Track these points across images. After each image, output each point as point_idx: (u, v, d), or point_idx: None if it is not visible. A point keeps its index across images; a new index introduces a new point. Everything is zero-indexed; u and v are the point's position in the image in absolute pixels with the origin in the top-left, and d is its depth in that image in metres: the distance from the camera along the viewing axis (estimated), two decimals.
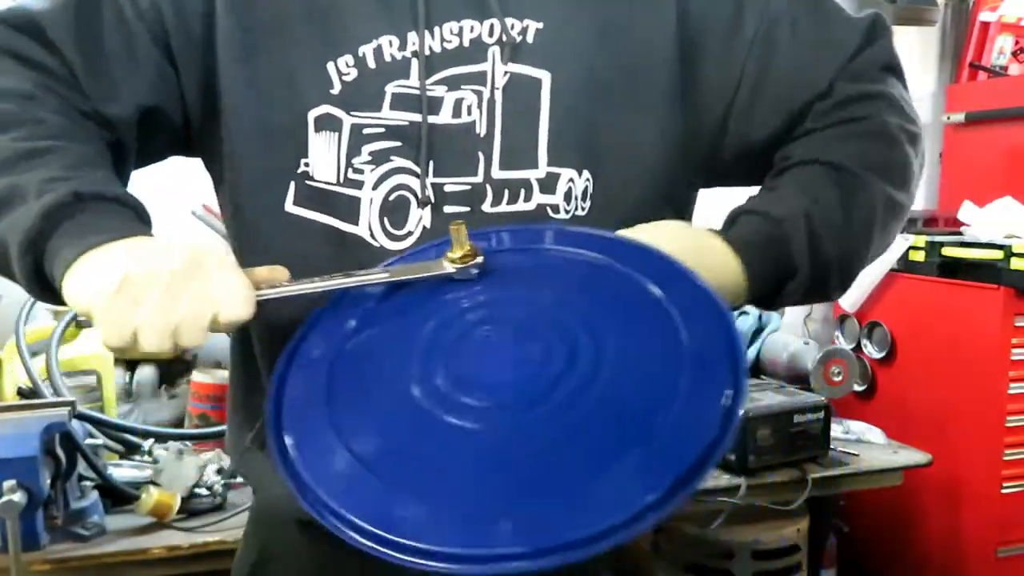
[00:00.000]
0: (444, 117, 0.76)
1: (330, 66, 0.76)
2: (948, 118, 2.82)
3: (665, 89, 0.80)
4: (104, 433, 1.54)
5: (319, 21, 0.77)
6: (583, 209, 0.79)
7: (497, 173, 0.76)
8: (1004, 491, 2.26)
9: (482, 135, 0.76)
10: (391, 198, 0.76)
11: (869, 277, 2.55)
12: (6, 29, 0.74)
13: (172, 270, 0.61)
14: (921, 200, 2.98)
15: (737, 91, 0.81)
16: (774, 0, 0.82)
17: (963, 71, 2.87)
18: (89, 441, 1.43)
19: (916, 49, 2.92)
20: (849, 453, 1.91)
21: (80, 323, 1.74)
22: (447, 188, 0.76)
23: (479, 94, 0.76)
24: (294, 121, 0.77)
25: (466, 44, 0.77)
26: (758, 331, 2.41)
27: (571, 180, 0.78)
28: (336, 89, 0.76)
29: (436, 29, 0.76)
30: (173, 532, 1.41)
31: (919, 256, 2.46)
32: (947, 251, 2.39)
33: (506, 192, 0.77)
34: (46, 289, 0.67)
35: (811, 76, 0.81)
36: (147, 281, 0.60)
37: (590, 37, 0.78)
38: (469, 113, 0.76)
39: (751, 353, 2.39)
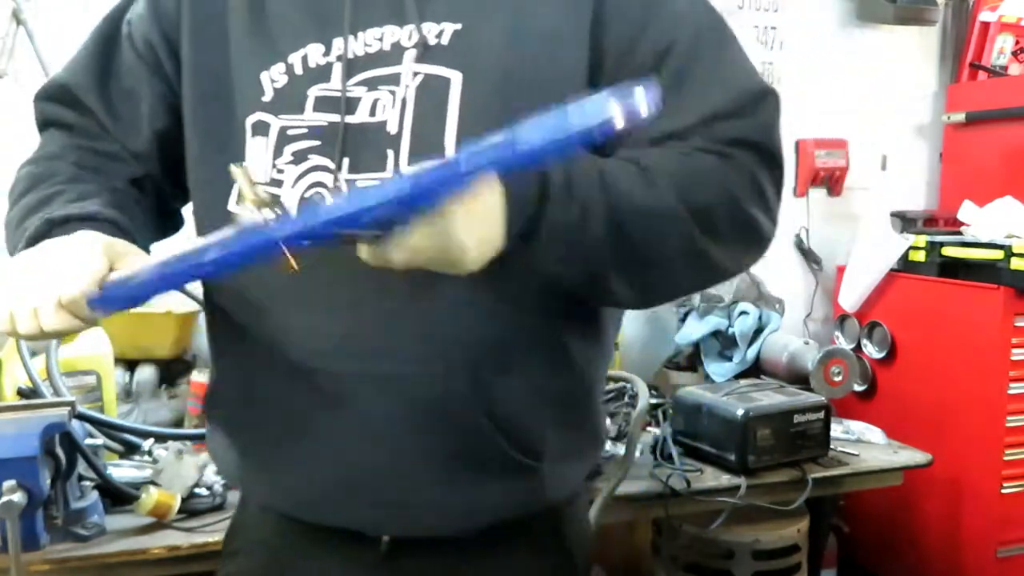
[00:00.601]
0: (361, 116, 0.80)
1: (264, 76, 0.83)
2: (948, 118, 2.82)
3: (577, 93, 0.79)
4: (104, 433, 1.54)
5: (258, 36, 0.84)
6: None
7: (405, 169, 0.79)
8: (1004, 491, 2.26)
9: (393, 133, 0.79)
10: (307, 194, 0.81)
11: (869, 277, 2.55)
12: (44, 103, 0.94)
13: (31, 262, 0.73)
14: (921, 200, 2.98)
15: None
16: (676, 28, 0.82)
17: (963, 71, 2.87)
18: (89, 441, 1.43)
19: (916, 49, 2.92)
20: (849, 453, 1.91)
21: None
22: (359, 184, 0.80)
23: (393, 94, 0.80)
24: (235, 128, 0.84)
25: (386, 48, 0.81)
26: (758, 331, 2.42)
27: None
28: (268, 96, 0.83)
29: (360, 35, 0.81)
30: (173, 532, 1.41)
31: (919, 256, 2.46)
32: (947, 251, 2.40)
33: None
34: None
35: (679, 117, 0.80)
36: (14, 274, 0.73)
37: (505, 38, 0.80)
38: (383, 112, 0.80)
39: (751, 353, 2.39)
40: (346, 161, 0.80)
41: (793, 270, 2.85)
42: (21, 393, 1.56)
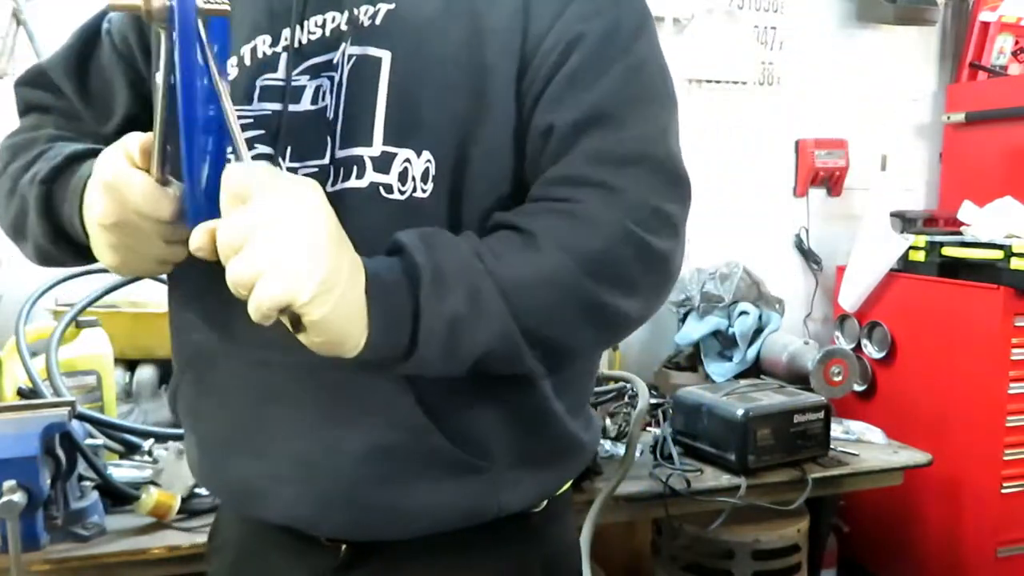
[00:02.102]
0: (304, 104, 0.80)
1: None
2: (948, 118, 2.82)
3: (508, 79, 0.78)
4: (104, 433, 1.54)
5: None
6: (423, 191, 0.77)
7: (338, 152, 0.78)
8: (1004, 491, 2.26)
9: (330, 118, 0.79)
10: None
11: (869, 277, 2.55)
12: (25, 88, 0.96)
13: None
14: (921, 200, 2.99)
15: (539, 95, 0.79)
16: (587, 21, 0.78)
17: (963, 71, 2.87)
18: (89, 441, 1.43)
19: (916, 49, 2.92)
20: (849, 453, 1.91)
21: (80, 323, 1.74)
22: (300, 172, 0.79)
23: (332, 79, 0.80)
24: None
25: (327, 34, 0.80)
26: (758, 331, 2.42)
27: (407, 160, 0.77)
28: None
29: (305, 23, 0.81)
30: (173, 532, 1.41)
31: (919, 256, 2.46)
32: (947, 251, 2.40)
33: (342, 170, 0.78)
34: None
35: (562, 111, 0.77)
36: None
37: (438, 19, 0.78)
38: (324, 99, 0.80)
39: (751, 353, 2.39)
40: (288, 149, 0.80)
41: (793, 270, 2.85)
42: (21, 393, 1.56)
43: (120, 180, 0.70)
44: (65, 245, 0.83)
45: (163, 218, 0.71)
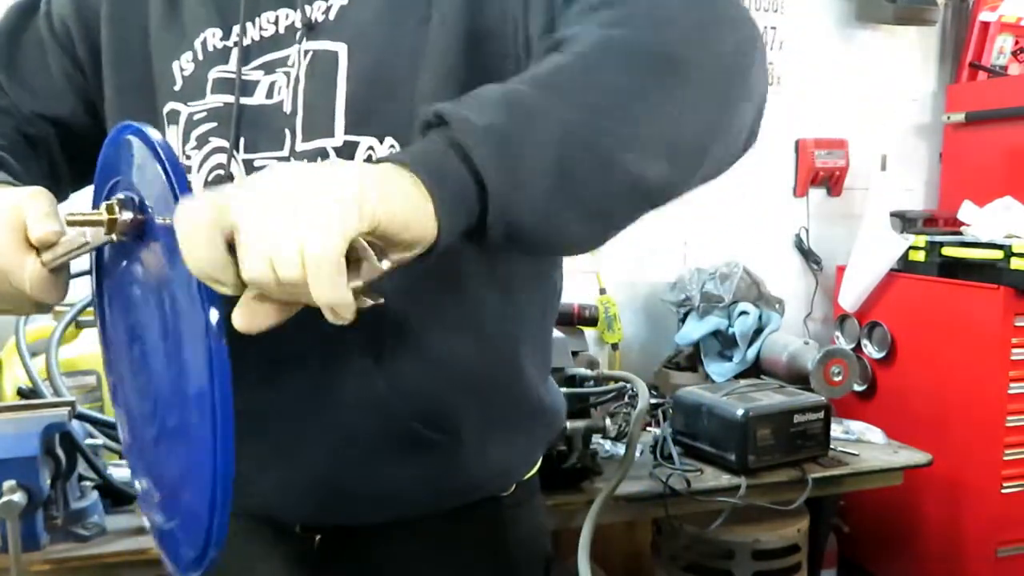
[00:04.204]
0: (258, 99, 0.81)
1: (175, 65, 0.84)
2: (948, 118, 2.82)
3: (457, 43, 0.76)
4: (104, 433, 1.54)
5: (172, 27, 0.85)
6: None
7: (300, 146, 0.79)
8: (1004, 491, 2.26)
9: (288, 112, 0.80)
10: (210, 177, 0.81)
11: (869, 277, 2.55)
12: None
13: None
14: (921, 200, 2.99)
15: (526, 18, 0.73)
16: None
17: (963, 71, 2.87)
18: (89, 441, 1.43)
19: (916, 49, 2.92)
20: (849, 453, 1.91)
21: (80, 323, 1.74)
22: (256, 163, 0.80)
23: (288, 75, 0.80)
24: (152, 119, 0.84)
25: (281, 31, 0.81)
26: (758, 331, 2.42)
27: (371, 148, 0.78)
28: (178, 85, 0.83)
29: (256, 19, 0.82)
30: None
31: (919, 256, 2.46)
32: (947, 251, 2.40)
33: (305, 161, 0.78)
34: None
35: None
36: None
37: (388, 9, 0.79)
38: (279, 94, 0.80)
39: (751, 353, 2.40)
40: (243, 141, 0.80)
41: (793, 270, 2.85)
42: (21, 393, 1.56)
43: (9, 263, 0.64)
44: None
45: (50, 302, 0.68)
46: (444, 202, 0.54)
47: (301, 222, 0.49)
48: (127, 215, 0.57)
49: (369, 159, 0.77)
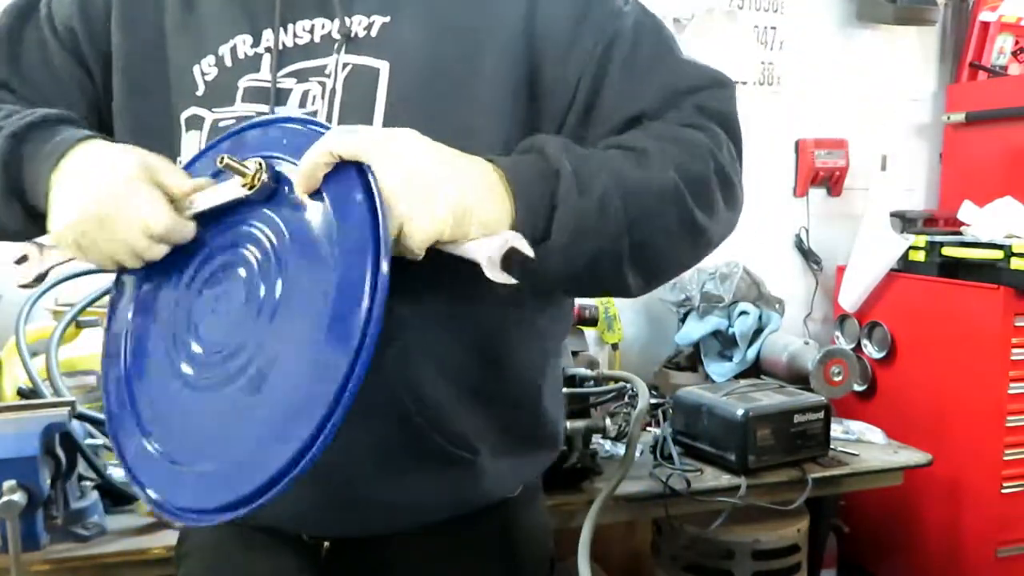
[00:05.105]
0: (291, 108, 0.81)
1: (195, 69, 0.83)
2: (948, 118, 2.82)
3: (508, 85, 0.80)
4: (104, 433, 1.54)
5: (190, 31, 0.84)
6: None
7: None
8: (1004, 491, 2.26)
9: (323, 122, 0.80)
10: None
11: (869, 277, 2.55)
12: None
13: (100, 207, 0.71)
14: (921, 200, 2.99)
15: (573, 100, 0.81)
16: (617, 19, 0.82)
17: (963, 71, 2.87)
18: (89, 441, 1.43)
19: (916, 49, 2.92)
20: (849, 453, 1.91)
21: (80, 323, 1.74)
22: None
23: (323, 85, 0.80)
24: (169, 123, 0.84)
25: (316, 40, 0.81)
26: (758, 331, 2.42)
27: None
28: (200, 91, 0.83)
29: (289, 27, 0.81)
30: (173, 532, 1.41)
31: (919, 256, 2.46)
32: (947, 251, 2.40)
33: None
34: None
35: (642, 96, 0.81)
36: (83, 221, 0.71)
37: (434, 30, 0.80)
38: (313, 103, 0.80)
39: (751, 353, 2.39)
40: None
41: (793, 270, 2.85)
42: (21, 393, 1.56)
43: (139, 188, 0.70)
44: (14, 204, 0.78)
45: (181, 240, 0.72)
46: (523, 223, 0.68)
47: (416, 207, 0.63)
48: (265, 175, 0.68)
49: None
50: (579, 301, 2.39)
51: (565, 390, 1.62)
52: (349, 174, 0.65)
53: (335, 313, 0.63)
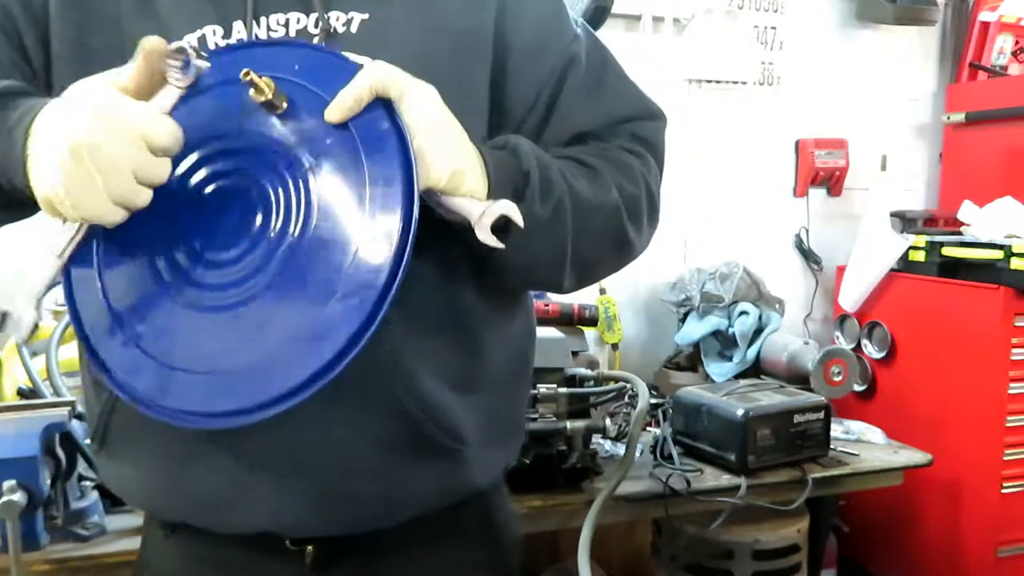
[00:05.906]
0: None
1: None
2: (948, 118, 2.82)
3: (482, 90, 0.83)
4: None
5: (148, 15, 0.80)
6: None
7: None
8: (1004, 491, 2.26)
9: None
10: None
11: (869, 277, 2.55)
12: None
13: (96, 134, 0.64)
14: (921, 200, 2.99)
15: (529, 113, 0.86)
16: (574, 42, 0.89)
17: (963, 71, 2.88)
18: (89, 441, 1.43)
19: (916, 49, 2.92)
20: (849, 453, 1.91)
21: None
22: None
23: None
24: None
25: (291, 34, 0.80)
26: (758, 331, 2.42)
27: None
28: None
29: (263, 19, 0.80)
30: None
31: (919, 256, 2.46)
32: (947, 251, 2.40)
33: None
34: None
35: (590, 119, 0.89)
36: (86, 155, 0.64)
37: (415, 27, 0.80)
38: None
39: (751, 353, 2.39)
40: None
41: (793, 270, 2.85)
42: (21, 393, 1.56)
43: (111, 100, 0.65)
44: None
45: (158, 144, 0.65)
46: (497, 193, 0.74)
47: (430, 144, 0.69)
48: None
49: None
50: (579, 301, 2.40)
51: (565, 390, 1.64)
52: (375, 103, 0.69)
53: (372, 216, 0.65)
